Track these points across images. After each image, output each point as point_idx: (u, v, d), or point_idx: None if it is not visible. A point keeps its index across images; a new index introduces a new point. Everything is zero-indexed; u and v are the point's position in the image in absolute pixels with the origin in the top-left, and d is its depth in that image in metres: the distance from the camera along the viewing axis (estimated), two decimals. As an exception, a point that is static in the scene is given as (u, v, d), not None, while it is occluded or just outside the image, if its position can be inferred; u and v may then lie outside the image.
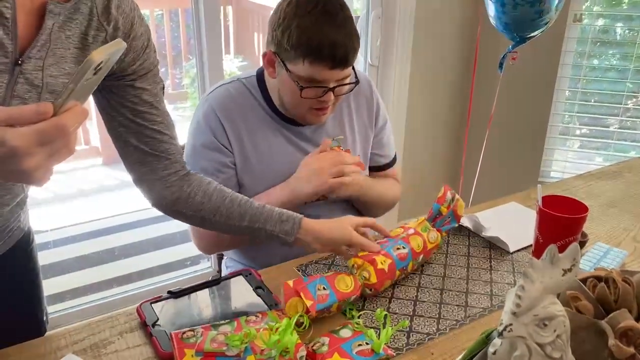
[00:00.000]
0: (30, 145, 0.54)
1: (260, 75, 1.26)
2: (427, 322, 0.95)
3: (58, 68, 0.74)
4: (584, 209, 1.05)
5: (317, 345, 0.83)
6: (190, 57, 4.17)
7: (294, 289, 0.90)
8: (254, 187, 1.22)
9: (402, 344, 0.89)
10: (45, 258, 2.54)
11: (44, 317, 1.12)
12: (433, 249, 1.11)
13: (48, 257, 2.61)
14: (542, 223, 1.06)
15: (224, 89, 1.24)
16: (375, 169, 1.41)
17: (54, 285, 2.41)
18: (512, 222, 1.28)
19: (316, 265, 1.11)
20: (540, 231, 1.07)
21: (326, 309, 0.91)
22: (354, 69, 1.18)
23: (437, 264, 1.12)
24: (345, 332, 0.87)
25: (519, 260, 1.14)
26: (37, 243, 1.10)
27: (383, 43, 2.41)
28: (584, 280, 0.75)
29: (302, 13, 1.08)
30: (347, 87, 1.18)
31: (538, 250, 1.08)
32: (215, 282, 1.03)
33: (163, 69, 3.24)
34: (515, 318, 0.59)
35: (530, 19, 1.90)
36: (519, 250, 1.18)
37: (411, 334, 0.92)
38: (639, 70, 2.44)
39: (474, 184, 2.45)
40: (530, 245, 1.12)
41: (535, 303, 0.59)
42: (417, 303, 1.00)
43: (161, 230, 2.95)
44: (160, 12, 4.09)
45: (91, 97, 0.83)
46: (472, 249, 1.18)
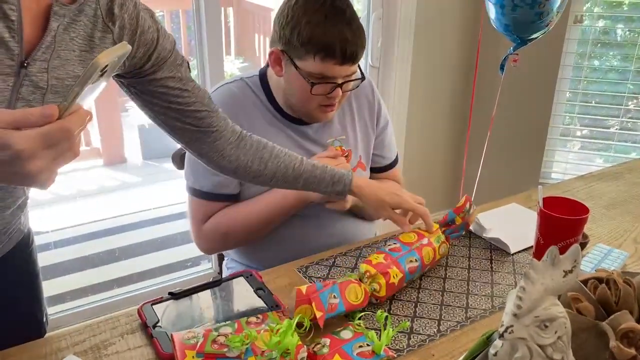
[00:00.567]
0: (36, 148, 0.55)
1: (263, 75, 1.26)
2: (428, 323, 0.95)
3: (63, 70, 0.74)
4: (584, 210, 1.05)
5: (318, 346, 0.83)
6: (191, 58, 4.17)
7: (306, 297, 0.88)
8: (256, 187, 1.22)
9: (403, 346, 0.89)
10: (46, 259, 2.55)
11: (44, 318, 1.12)
12: (439, 260, 1.11)
13: (49, 258, 2.61)
14: (543, 224, 1.06)
15: (227, 88, 1.24)
16: (376, 170, 1.41)
17: (55, 286, 2.41)
18: (513, 224, 1.28)
19: (317, 267, 1.11)
20: (541, 232, 1.06)
21: (331, 317, 0.91)
22: (359, 66, 1.19)
23: (438, 266, 1.12)
24: (346, 334, 0.86)
25: (519, 262, 1.14)
26: (38, 244, 1.10)
27: (384, 44, 2.42)
28: (584, 282, 0.75)
29: (311, 10, 1.09)
30: (354, 83, 1.20)
31: (539, 251, 1.08)
32: (216, 284, 1.03)
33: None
34: (516, 319, 0.59)
35: (530, 20, 1.90)
36: (519, 252, 1.18)
37: (412, 335, 0.91)
38: (639, 72, 2.44)
39: (475, 185, 2.45)
40: (531, 246, 1.12)
41: (536, 304, 0.59)
42: (418, 304, 1.00)
43: (162, 231, 2.95)
44: (161, 13, 4.09)
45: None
46: (473, 250, 1.18)
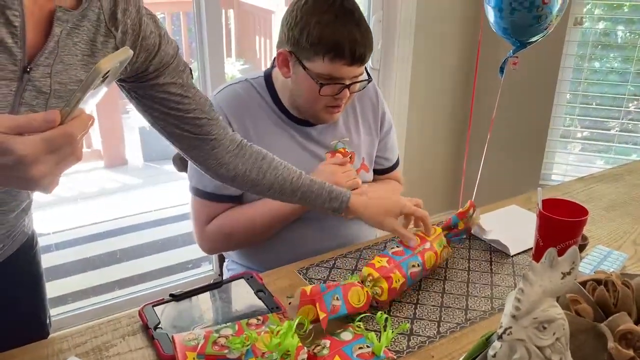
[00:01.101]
0: (38, 153, 0.55)
1: (268, 76, 1.26)
2: (428, 325, 0.95)
3: (66, 74, 0.74)
4: (584, 212, 1.05)
5: (318, 348, 0.83)
6: (192, 61, 4.17)
7: (310, 297, 0.89)
8: None
9: (403, 347, 0.89)
10: (47, 261, 2.53)
11: (47, 319, 1.13)
12: (440, 264, 1.11)
13: (50, 259, 2.62)
14: (542, 226, 1.07)
15: (232, 89, 1.25)
16: (378, 172, 1.42)
17: (57, 287, 2.41)
18: (513, 225, 1.29)
19: (317, 268, 1.12)
20: (541, 234, 1.07)
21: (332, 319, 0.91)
22: (365, 68, 1.20)
23: (438, 267, 1.12)
24: (346, 335, 0.87)
25: (519, 264, 1.15)
26: (39, 246, 1.10)
27: (384, 47, 2.42)
28: (583, 284, 0.75)
29: (321, 11, 1.10)
30: (361, 84, 1.20)
31: (538, 253, 1.08)
32: (216, 285, 1.03)
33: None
34: (514, 321, 0.59)
35: (529, 24, 1.90)
36: (519, 254, 1.18)
37: (412, 337, 0.92)
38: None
39: (475, 187, 2.45)
40: (531, 248, 1.13)
41: (534, 306, 0.59)
42: (418, 306, 1.00)
43: (163, 233, 2.95)
44: (162, 15, 4.10)
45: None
46: (473, 252, 1.19)
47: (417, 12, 2.39)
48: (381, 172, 1.43)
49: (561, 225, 1.03)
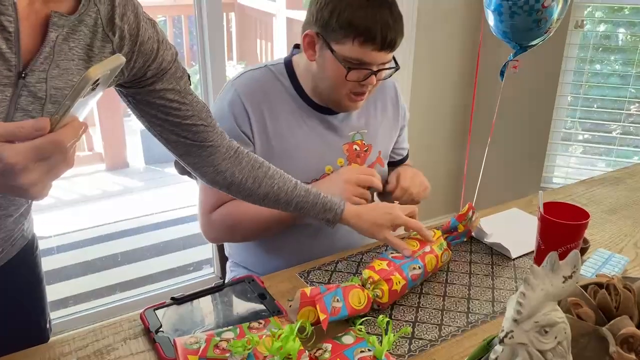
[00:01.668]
0: (27, 161, 0.55)
1: (288, 62, 1.24)
2: (429, 328, 0.95)
3: (62, 80, 0.74)
4: (585, 215, 1.05)
5: (320, 351, 0.83)
6: (193, 64, 4.19)
7: (310, 299, 0.88)
8: None
9: (404, 351, 0.89)
10: (49, 264, 2.56)
11: (47, 324, 1.12)
12: (441, 268, 1.11)
13: (51, 262, 2.62)
14: (543, 229, 1.07)
15: (250, 75, 1.22)
16: (392, 164, 1.43)
17: (58, 291, 2.42)
18: (514, 229, 1.29)
19: (318, 272, 1.12)
20: (542, 238, 1.07)
21: (333, 321, 0.91)
22: (393, 56, 1.17)
23: (439, 271, 1.12)
24: (347, 339, 0.87)
25: (520, 267, 1.14)
26: (40, 249, 1.10)
27: (385, 49, 2.42)
28: (585, 287, 0.75)
29: None
30: (387, 72, 1.16)
31: (539, 256, 1.08)
32: (218, 289, 1.03)
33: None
34: (516, 325, 0.59)
35: (529, 28, 1.90)
36: (521, 257, 1.18)
37: (413, 340, 0.92)
38: (640, 76, 2.45)
39: (477, 190, 2.45)
40: (532, 251, 1.13)
41: (536, 310, 0.59)
42: (419, 309, 1.00)
43: (164, 236, 2.96)
44: (163, 18, 4.11)
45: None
46: (474, 255, 1.19)
47: (418, 15, 2.40)
48: (394, 164, 1.43)
49: (562, 228, 1.03)
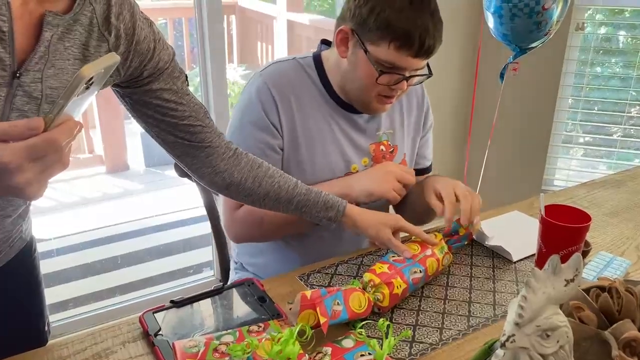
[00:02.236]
0: (22, 160, 0.54)
1: (317, 56, 1.21)
2: (430, 332, 0.94)
3: (58, 79, 0.73)
4: (587, 218, 1.05)
5: (319, 355, 0.83)
6: (194, 66, 4.19)
7: (311, 302, 0.88)
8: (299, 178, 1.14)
9: (405, 354, 0.89)
10: (48, 266, 2.55)
11: (46, 327, 1.12)
12: (442, 271, 1.11)
13: (51, 265, 2.62)
14: (544, 232, 1.06)
15: (278, 66, 1.19)
16: (417, 172, 1.33)
17: (57, 293, 2.41)
18: (515, 231, 1.28)
19: (318, 275, 1.11)
20: (543, 240, 1.06)
21: (333, 325, 0.90)
22: (427, 62, 1.14)
23: (440, 274, 1.11)
24: (347, 342, 0.86)
25: (522, 270, 1.14)
26: (39, 251, 1.10)
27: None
28: (587, 290, 0.75)
29: None
30: (419, 78, 1.13)
31: (541, 259, 1.08)
32: (217, 292, 1.03)
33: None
34: (517, 329, 0.59)
35: (529, 30, 1.90)
36: (522, 260, 1.17)
37: (414, 344, 0.91)
38: (641, 79, 2.45)
39: (477, 193, 2.45)
40: (534, 254, 1.12)
41: (537, 314, 0.58)
42: (420, 313, 0.99)
43: (164, 238, 2.95)
44: (164, 21, 4.11)
45: (94, 104, 0.83)
46: (475, 258, 1.18)
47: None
48: (419, 173, 1.36)
49: (564, 231, 1.02)
